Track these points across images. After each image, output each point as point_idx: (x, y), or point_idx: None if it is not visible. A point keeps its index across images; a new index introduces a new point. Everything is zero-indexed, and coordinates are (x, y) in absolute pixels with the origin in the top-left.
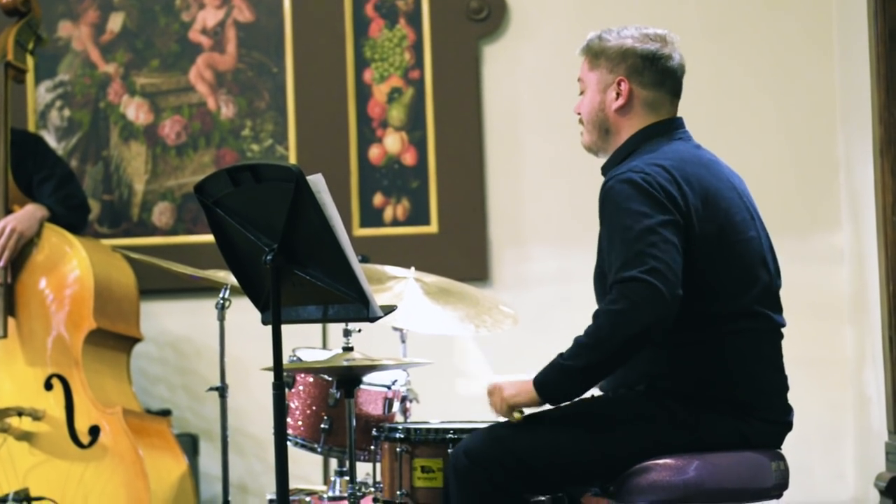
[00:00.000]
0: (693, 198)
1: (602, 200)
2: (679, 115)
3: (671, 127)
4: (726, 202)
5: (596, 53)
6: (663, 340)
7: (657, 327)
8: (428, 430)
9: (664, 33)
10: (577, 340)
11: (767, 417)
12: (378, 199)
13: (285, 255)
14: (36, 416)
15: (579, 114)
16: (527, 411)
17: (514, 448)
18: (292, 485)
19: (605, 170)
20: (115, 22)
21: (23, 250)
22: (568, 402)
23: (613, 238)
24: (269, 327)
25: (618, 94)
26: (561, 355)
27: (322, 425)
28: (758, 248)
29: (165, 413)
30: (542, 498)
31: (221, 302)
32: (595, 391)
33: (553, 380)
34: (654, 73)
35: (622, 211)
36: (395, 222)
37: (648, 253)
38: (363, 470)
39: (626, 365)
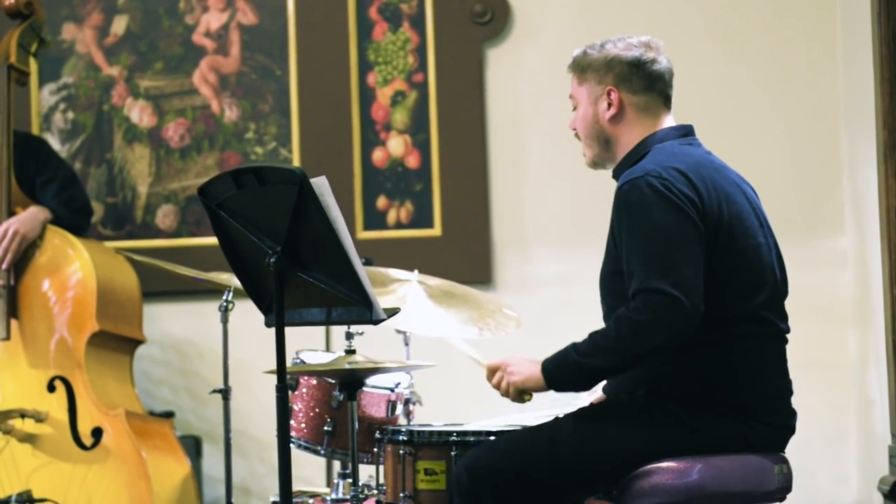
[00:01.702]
0: (708, 200)
1: (619, 203)
2: (684, 120)
3: (682, 132)
4: (737, 207)
5: (583, 68)
6: None
7: (678, 339)
8: (431, 432)
9: (647, 39)
10: (595, 340)
11: (771, 422)
12: (381, 201)
13: (289, 257)
14: (39, 418)
15: (575, 130)
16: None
17: (515, 461)
18: (295, 487)
19: (617, 173)
20: (119, 25)
21: (25, 252)
22: (568, 412)
23: (636, 244)
24: (273, 330)
25: (609, 104)
26: (575, 348)
27: (325, 428)
28: (766, 254)
29: (168, 415)
30: None
31: (225, 304)
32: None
33: (564, 373)
34: (642, 79)
35: (645, 218)
36: (399, 225)
37: (674, 265)
38: (366, 472)
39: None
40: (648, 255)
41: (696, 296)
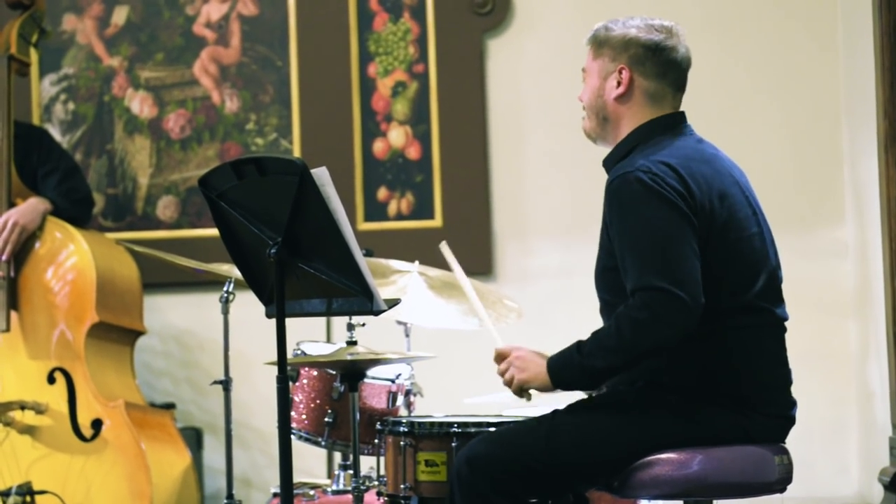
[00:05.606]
0: (700, 196)
1: (611, 199)
2: (682, 109)
3: (673, 122)
4: (730, 199)
5: (600, 42)
6: None
7: (680, 336)
8: (432, 423)
9: (670, 25)
10: (599, 340)
11: (770, 412)
12: (382, 192)
13: (289, 248)
14: (39, 409)
15: (582, 100)
16: (536, 393)
17: (515, 452)
18: (296, 478)
19: (608, 164)
20: (120, 15)
21: (25, 244)
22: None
23: (630, 241)
24: (274, 321)
25: (618, 83)
26: (579, 349)
27: (326, 419)
28: (760, 243)
29: (169, 406)
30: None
31: (225, 295)
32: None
33: (569, 373)
34: (657, 65)
35: (638, 215)
36: (400, 216)
37: (671, 261)
38: (367, 464)
39: None
40: (644, 252)
41: (696, 291)
